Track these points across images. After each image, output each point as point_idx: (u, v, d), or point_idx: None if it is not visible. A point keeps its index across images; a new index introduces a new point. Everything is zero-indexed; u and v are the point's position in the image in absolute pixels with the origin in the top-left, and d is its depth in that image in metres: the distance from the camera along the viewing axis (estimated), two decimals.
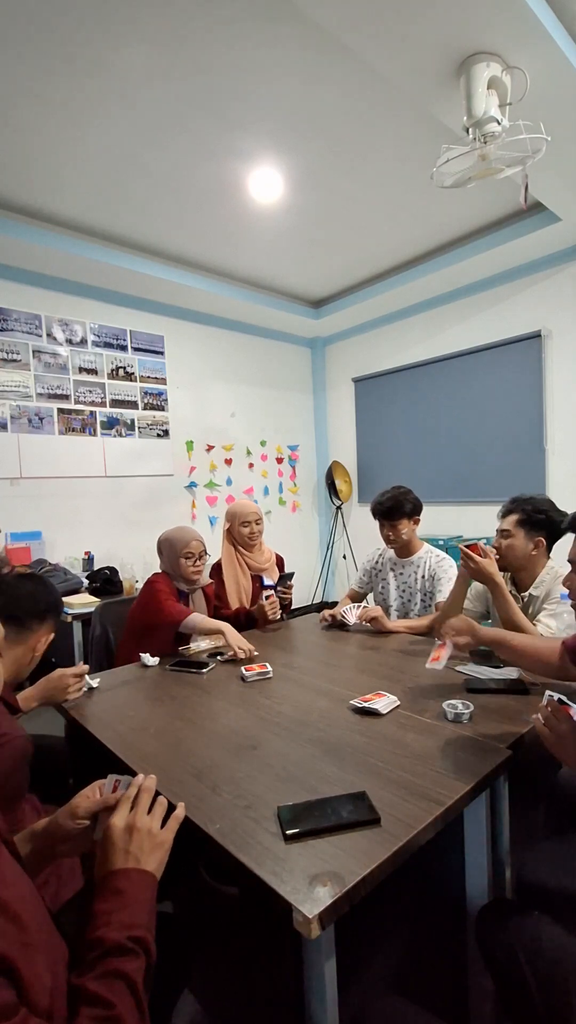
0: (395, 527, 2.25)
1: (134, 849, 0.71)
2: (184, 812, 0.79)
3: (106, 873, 0.69)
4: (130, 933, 0.61)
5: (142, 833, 0.72)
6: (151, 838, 0.72)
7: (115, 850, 0.70)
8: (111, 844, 0.71)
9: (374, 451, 5.02)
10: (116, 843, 0.71)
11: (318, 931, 0.73)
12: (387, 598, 2.38)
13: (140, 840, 0.72)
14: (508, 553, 1.80)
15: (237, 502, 2.58)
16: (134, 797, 0.76)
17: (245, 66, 2.13)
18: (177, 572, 2.12)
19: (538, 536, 1.78)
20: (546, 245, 3.53)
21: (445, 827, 0.95)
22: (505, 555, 1.80)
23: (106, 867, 0.70)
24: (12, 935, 0.54)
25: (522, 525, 1.78)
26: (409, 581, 2.31)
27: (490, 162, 1.97)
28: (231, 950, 1.07)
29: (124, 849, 0.71)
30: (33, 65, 2.08)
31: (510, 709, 1.33)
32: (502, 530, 1.83)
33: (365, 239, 3.68)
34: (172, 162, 2.73)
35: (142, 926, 0.63)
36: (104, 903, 0.65)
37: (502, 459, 4.05)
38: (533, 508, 1.79)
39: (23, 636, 1.25)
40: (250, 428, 4.87)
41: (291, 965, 0.83)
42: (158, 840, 0.73)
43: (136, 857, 0.70)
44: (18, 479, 3.49)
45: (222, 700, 1.52)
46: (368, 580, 2.49)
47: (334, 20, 1.76)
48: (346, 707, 1.39)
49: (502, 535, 1.82)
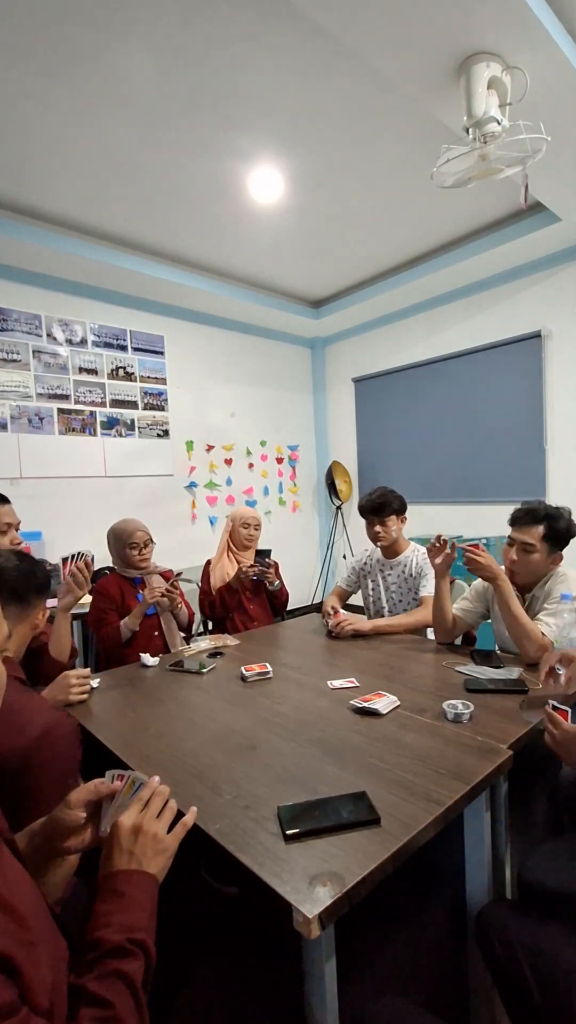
0: (385, 523, 2.27)
1: (138, 851, 0.71)
2: (193, 819, 0.78)
3: (108, 873, 0.69)
4: (130, 936, 0.61)
5: (147, 836, 0.72)
6: (156, 843, 0.72)
7: (120, 850, 0.71)
8: (116, 844, 0.71)
9: (374, 451, 5.02)
10: (121, 843, 0.71)
11: (318, 931, 0.73)
12: (377, 599, 2.39)
13: (145, 843, 0.72)
14: (524, 568, 1.69)
15: (241, 507, 2.70)
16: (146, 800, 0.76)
17: (245, 66, 2.13)
18: (125, 562, 2.24)
19: (558, 551, 1.69)
20: (546, 245, 3.53)
21: (445, 827, 0.95)
22: (522, 571, 1.69)
23: (109, 866, 0.70)
24: (14, 933, 0.54)
25: (547, 540, 1.66)
26: (398, 581, 2.32)
27: (490, 162, 1.97)
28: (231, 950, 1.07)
29: (128, 850, 0.71)
30: (32, 65, 2.08)
31: (510, 709, 1.33)
32: (525, 543, 1.67)
33: (365, 239, 3.68)
34: (172, 162, 2.73)
35: (142, 929, 0.63)
36: (105, 904, 0.65)
37: (502, 459, 4.05)
38: (559, 523, 1.66)
39: (26, 613, 1.26)
40: (250, 428, 4.87)
41: (291, 965, 0.83)
42: (162, 845, 0.73)
43: (139, 860, 0.70)
44: (18, 479, 3.49)
45: (222, 700, 1.52)
46: (356, 580, 2.50)
47: (334, 20, 1.76)
48: (346, 707, 1.39)
49: (524, 548, 1.67)
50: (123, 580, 2.25)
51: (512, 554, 1.73)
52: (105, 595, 2.18)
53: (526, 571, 1.71)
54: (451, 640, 1.92)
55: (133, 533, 2.21)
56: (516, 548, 1.71)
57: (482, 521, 4.16)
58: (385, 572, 2.36)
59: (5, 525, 1.62)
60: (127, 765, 1.16)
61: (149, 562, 2.27)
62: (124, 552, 2.21)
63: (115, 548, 2.24)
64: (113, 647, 2.11)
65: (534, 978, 0.85)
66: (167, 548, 4.21)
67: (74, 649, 1.71)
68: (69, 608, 1.69)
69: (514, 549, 1.72)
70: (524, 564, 1.70)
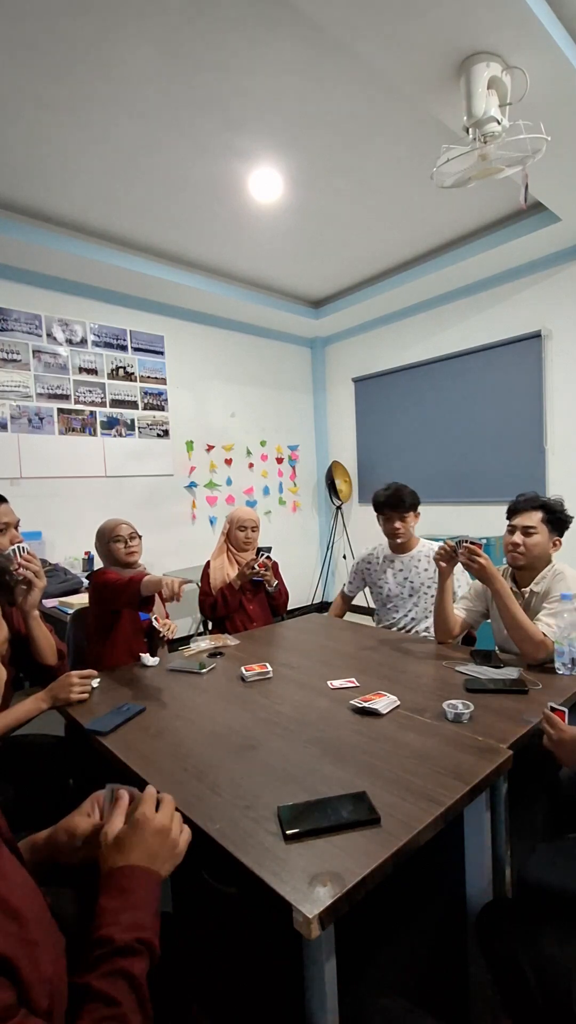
0: (404, 518, 2.30)
1: (159, 850, 0.71)
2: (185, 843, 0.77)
3: (114, 868, 0.68)
4: (138, 935, 0.61)
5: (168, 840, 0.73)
6: (174, 846, 0.73)
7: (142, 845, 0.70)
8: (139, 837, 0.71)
9: (374, 451, 5.02)
10: (146, 838, 0.71)
11: (318, 931, 0.73)
12: (386, 593, 2.39)
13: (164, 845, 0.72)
14: (531, 550, 1.74)
15: (239, 508, 2.69)
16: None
17: (245, 66, 2.13)
18: (112, 558, 2.17)
19: (557, 535, 1.77)
20: (546, 245, 3.53)
21: (445, 827, 0.94)
22: (528, 552, 1.74)
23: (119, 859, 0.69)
24: (13, 933, 0.54)
25: (547, 524, 1.75)
26: (410, 575, 2.32)
27: (490, 162, 1.97)
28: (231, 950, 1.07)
29: (150, 847, 0.71)
30: (33, 65, 2.08)
31: (510, 709, 1.33)
32: (526, 527, 1.75)
33: (365, 239, 3.68)
34: (172, 162, 2.73)
35: (149, 928, 0.63)
36: (110, 900, 0.64)
37: (502, 459, 4.05)
38: (556, 507, 1.76)
39: None
40: (250, 428, 4.87)
41: (291, 965, 0.83)
42: (178, 850, 0.74)
43: (152, 857, 0.70)
44: (18, 479, 3.49)
45: (222, 700, 1.52)
46: (360, 581, 2.51)
47: (334, 20, 1.76)
48: (346, 707, 1.39)
49: (525, 532, 1.75)
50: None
51: (514, 538, 1.77)
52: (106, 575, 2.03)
53: (530, 553, 1.75)
54: (451, 640, 1.92)
55: (116, 527, 2.15)
56: (518, 532, 1.77)
57: (482, 521, 4.16)
58: (396, 567, 2.37)
59: (4, 524, 1.61)
60: (127, 765, 1.16)
61: (137, 555, 2.20)
62: (110, 548, 2.13)
63: (102, 549, 2.18)
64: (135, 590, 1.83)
65: (535, 978, 0.85)
66: (167, 548, 4.23)
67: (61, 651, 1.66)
68: (36, 604, 1.57)
69: (516, 534, 1.77)
70: (530, 546, 1.74)
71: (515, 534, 1.78)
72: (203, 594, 2.59)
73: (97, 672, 1.64)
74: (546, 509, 1.76)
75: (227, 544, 2.63)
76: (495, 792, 1.14)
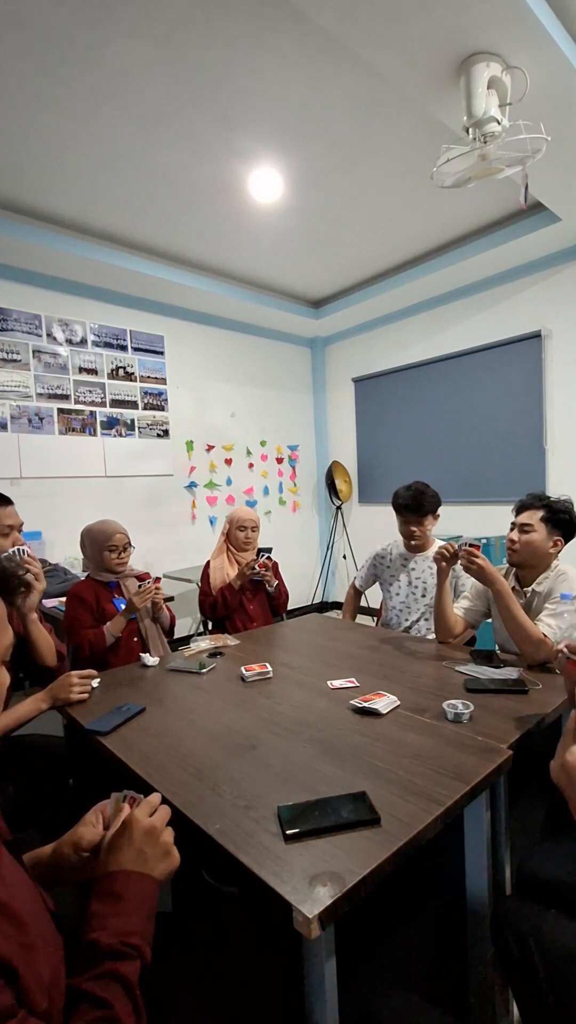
0: (422, 523, 2.27)
1: (149, 851, 0.70)
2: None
3: (109, 872, 0.68)
4: (124, 939, 0.61)
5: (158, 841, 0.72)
6: (165, 846, 0.72)
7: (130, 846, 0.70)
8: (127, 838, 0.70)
9: (374, 451, 5.02)
10: (133, 839, 0.70)
11: (318, 931, 0.73)
12: (397, 592, 2.38)
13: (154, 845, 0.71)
14: (525, 548, 1.76)
15: (239, 508, 2.69)
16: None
17: (245, 66, 2.13)
18: (101, 565, 2.14)
19: (558, 535, 1.76)
20: (546, 245, 3.53)
21: (445, 827, 0.94)
22: (522, 549, 1.76)
23: (111, 863, 0.69)
24: (12, 936, 0.54)
25: (545, 522, 1.75)
26: (423, 576, 2.31)
27: (490, 162, 1.97)
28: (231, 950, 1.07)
29: (139, 848, 0.70)
30: (33, 65, 2.08)
31: (510, 709, 1.33)
32: (522, 524, 1.77)
33: (365, 239, 3.68)
34: (172, 162, 2.73)
35: (137, 933, 0.63)
36: (101, 905, 0.64)
37: (502, 459, 4.05)
38: (559, 507, 1.77)
39: None
40: (250, 428, 4.87)
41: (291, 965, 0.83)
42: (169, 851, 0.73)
43: (143, 859, 0.69)
44: (18, 479, 3.49)
45: (222, 700, 1.52)
46: (373, 575, 2.51)
47: (334, 20, 1.76)
48: (346, 707, 1.39)
49: (521, 529, 1.77)
50: (98, 584, 2.14)
51: (512, 535, 1.80)
52: (80, 599, 2.08)
53: (526, 551, 1.76)
54: (451, 639, 1.92)
55: (112, 535, 2.11)
56: (516, 530, 1.80)
57: (482, 521, 4.16)
58: (409, 567, 2.36)
59: (7, 527, 1.60)
60: (127, 765, 1.16)
61: (127, 566, 2.19)
62: (101, 555, 2.11)
63: (91, 551, 2.14)
64: (98, 652, 1.99)
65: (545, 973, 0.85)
66: (167, 548, 4.23)
67: (61, 652, 1.66)
68: (35, 607, 1.59)
69: (514, 531, 1.80)
70: (525, 544, 1.76)
71: (513, 531, 1.80)
72: (203, 594, 2.58)
73: (97, 672, 1.64)
74: (548, 508, 1.77)
75: (227, 544, 2.63)
76: (495, 792, 1.14)
